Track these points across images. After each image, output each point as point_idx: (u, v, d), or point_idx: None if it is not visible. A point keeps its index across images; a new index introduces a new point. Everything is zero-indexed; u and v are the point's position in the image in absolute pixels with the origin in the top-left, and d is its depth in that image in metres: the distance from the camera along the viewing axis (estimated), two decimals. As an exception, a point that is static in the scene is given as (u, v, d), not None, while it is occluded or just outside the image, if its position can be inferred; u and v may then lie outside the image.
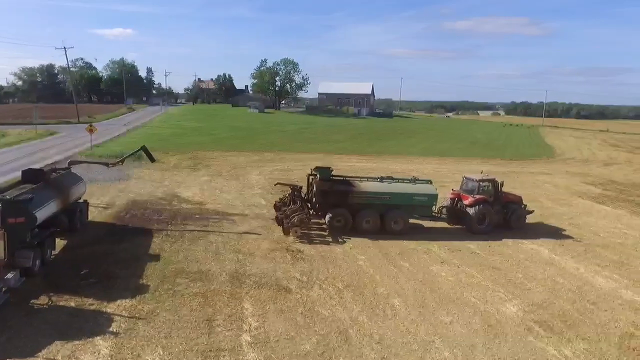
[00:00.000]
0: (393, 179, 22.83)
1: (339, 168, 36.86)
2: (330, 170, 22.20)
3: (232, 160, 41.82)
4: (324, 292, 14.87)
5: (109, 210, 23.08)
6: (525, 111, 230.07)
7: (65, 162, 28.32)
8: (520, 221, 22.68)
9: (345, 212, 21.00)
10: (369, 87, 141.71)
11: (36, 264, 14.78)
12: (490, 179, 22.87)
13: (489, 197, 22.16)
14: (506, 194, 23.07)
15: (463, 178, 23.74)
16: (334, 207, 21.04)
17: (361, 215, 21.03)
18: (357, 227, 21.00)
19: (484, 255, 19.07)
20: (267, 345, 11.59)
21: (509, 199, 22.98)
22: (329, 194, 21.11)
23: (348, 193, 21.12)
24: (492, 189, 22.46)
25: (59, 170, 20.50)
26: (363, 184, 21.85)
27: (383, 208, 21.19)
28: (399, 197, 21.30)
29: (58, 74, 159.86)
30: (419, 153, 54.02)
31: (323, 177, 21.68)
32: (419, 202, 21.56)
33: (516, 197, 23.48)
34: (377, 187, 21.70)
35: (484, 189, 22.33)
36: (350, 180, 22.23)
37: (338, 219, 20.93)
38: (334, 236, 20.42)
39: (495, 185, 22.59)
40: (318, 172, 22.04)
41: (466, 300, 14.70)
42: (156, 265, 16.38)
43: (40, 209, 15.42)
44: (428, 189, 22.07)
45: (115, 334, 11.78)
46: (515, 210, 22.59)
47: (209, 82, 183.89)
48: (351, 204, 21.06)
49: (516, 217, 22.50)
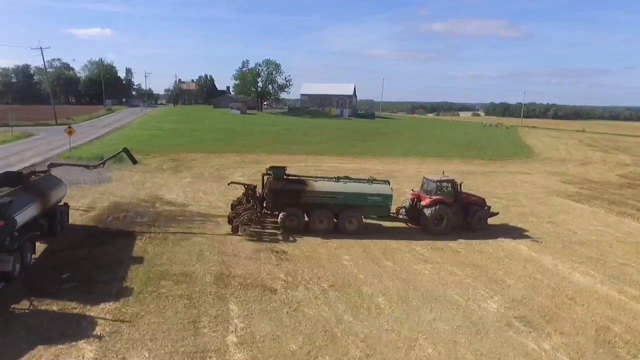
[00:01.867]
0: (350, 179, 23.01)
1: (321, 169, 37.14)
2: (285, 170, 22.35)
3: (215, 161, 41.59)
4: (309, 292, 14.97)
5: (90, 213, 22.75)
6: (504, 111, 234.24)
7: (44, 165, 27.82)
8: (481, 223, 22.46)
9: (298, 212, 21.13)
10: (351, 88, 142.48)
11: (16, 269, 14.48)
12: (449, 179, 22.80)
13: (448, 198, 22.14)
14: (468, 195, 23.08)
15: (423, 178, 23.77)
16: (287, 206, 21.16)
17: (315, 215, 21.14)
18: (310, 227, 21.13)
19: (465, 253, 19.44)
20: (253, 346, 11.63)
21: (470, 201, 22.87)
22: (282, 193, 21.23)
23: (300, 192, 21.21)
24: (451, 190, 22.43)
25: (38, 173, 20.15)
26: (316, 184, 21.93)
27: (337, 208, 21.28)
28: (353, 197, 21.34)
29: (34, 74, 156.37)
30: (401, 154, 54.59)
31: (276, 176, 21.83)
32: (374, 202, 21.55)
33: (479, 199, 23.33)
34: (330, 186, 21.80)
35: (443, 190, 22.33)
36: (303, 179, 22.39)
37: (291, 218, 21.06)
38: (287, 236, 20.56)
39: (454, 186, 22.57)
40: (272, 172, 22.18)
41: (449, 297, 14.98)
42: (139, 267, 16.24)
43: (19, 213, 15.13)
44: (383, 189, 22.05)
45: (100, 337, 11.67)
46: (476, 211, 22.37)
47: (189, 83, 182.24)
48: (304, 203, 21.16)
49: (477, 218, 22.28)
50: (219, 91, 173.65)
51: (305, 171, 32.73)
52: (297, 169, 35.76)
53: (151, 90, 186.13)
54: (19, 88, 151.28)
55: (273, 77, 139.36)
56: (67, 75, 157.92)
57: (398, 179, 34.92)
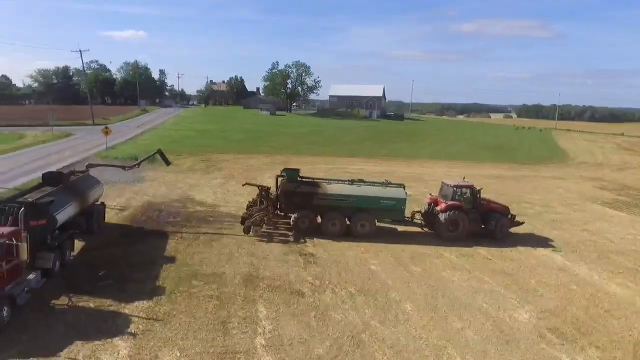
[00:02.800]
0: (364, 181, 22.97)
1: (347, 171, 37.11)
2: (298, 172, 22.53)
3: (244, 162, 42.18)
4: (336, 296, 15.04)
5: (125, 212, 23.48)
6: (537, 113, 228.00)
7: (82, 164, 28.89)
8: (502, 231, 21.75)
9: (310, 214, 21.26)
10: (380, 89, 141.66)
11: (56, 265, 15.16)
12: (467, 185, 22.27)
13: (465, 204, 21.70)
14: (489, 202, 22.52)
15: (442, 183, 23.38)
16: (299, 208, 21.26)
17: (327, 217, 21.21)
18: (322, 229, 21.18)
19: (496, 260, 19.09)
20: (281, 349, 11.79)
21: (491, 208, 22.25)
22: (294, 195, 21.37)
23: (313, 195, 21.30)
24: (469, 196, 21.97)
25: (78, 173, 20.96)
26: (329, 186, 21.97)
27: (349, 211, 21.27)
28: (365, 200, 21.26)
29: (73, 76, 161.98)
30: (429, 156, 53.98)
31: (290, 178, 21.99)
32: (387, 205, 21.37)
33: (501, 207, 22.65)
34: (342, 189, 21.78)
35: (461, 195, 21.92)
36: (316, 182, 22.45)
37: (303, 220, 21.17)
38: (298, 236, 20.76)
39: (473, 192, 22.07)
40: (285, 174, 22.36)
41: (478, 306, 14.76)
42: (171, 267, 16.69)
43: (60, 212, 15.82)
44: (397, 192, 21.79)
45: (134, 334, 12.08)
46: (497, 219, 21.69)
47: (220, 84, 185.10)
48: (316, 205, 21.25)
49: (498, 227, 21.60)
50: (249, 92, 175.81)
51: (332, 174, 32.86)
52: (324, 171, 35.95)
53: (183, 91, 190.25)
54: (59, 89, 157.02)
55: (302, 79, 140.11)
56: (104, 76, 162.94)
57: (427, 182, 34.58)
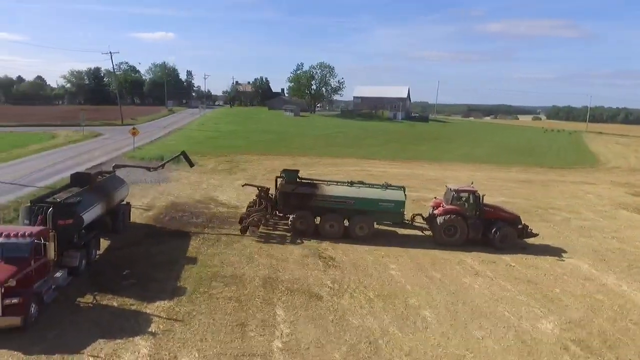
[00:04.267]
0: (364, 183, 22.88)
1: (370, 174, 36.95)
2: (297, 173, 22.59)
3: (267, 164, 42.45)
4: (354, 300, 14.99)
5: (150, 212, 23.98)
6: (568, 115, 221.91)
7: (110, 164, 29.64)
8: (504, 241, 20.76)
9: (308, 215, 21.23)
10: (404, 90, 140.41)
11: (82, 264, 15.61)
12: (469, 190, 21.66)
13: (466, 210, 21.13)
14: (496, 210, 21.75)
15: (446, 187, 22.89)
16: (297, 209, 21.27)
17: (325, 219, 21.18)
18: (320, 231, 21.17)
19: (519, 268, 18.67)
20: (297, 353, 11.82)
21: (496, 215, 21.38)
22: (291, 196, 21.41)
23: (311, 196, 21.31)
24: (471, 201, 21.32)
25: (104, 174, 21.52)
26: (327, 188, 21.99)
27: (348, 213, 21.19)
28: (364, 203, 21.11)
29: (104, 77, 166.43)
30: (454, 159, 53.18)
31: (288, 179, 22.05)
32: (386, 208, 21.15)
33: (510, 215, 21.64)
34: (341, 191, 21.75)
35: (461, 200, 21.39)
36: (315, 183, 22.49)
37: (301, 221, 21.18)
38: (296, 237, 20.85)
39: (476, 198, 21.38)
40: (284, 175, 22.42)
41: (500, 314, 14.47)
42: (193, 268, 16.96)
43: (87, 212, 16.28)
44: (396, 195, 21.58)
45: (154, 334, 12.32)
46: (500, 228, 20.77)
47: (246, 85, 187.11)
48: (314, 207, 21.22)
49: (500, 236, 20.70)
50: (274, 93, 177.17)
51: (354, 176, 32.73)
52: (346, 173, 35.90)
53: (209, 92, 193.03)
54: (90, 90, 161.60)
55: (326, 80, 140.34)
56: (133, 77, 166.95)
57: (450, 187, 34.04)
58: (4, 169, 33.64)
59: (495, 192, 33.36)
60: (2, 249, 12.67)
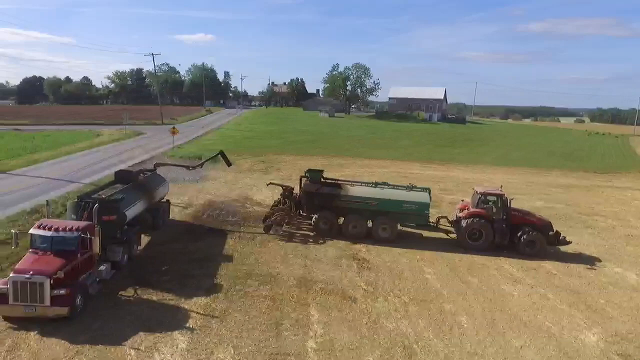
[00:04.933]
0: (388, 184, 22.64)
1: (404, 176, 36.54)
2: (321, 173, 22.62)
3: (302, 164, 42.63)
4: (389, 304, 14.87)
5: (188, 210, 24.60)
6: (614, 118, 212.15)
7: (151, 163, 30.61)
8: (533, 248, 19.95)
9: (331, 215, 21.19)
10: (441, 92, 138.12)
11: (124, 259, 16.19)
12: (496, 193, 20.99)
13: (492, 213, 20.52)
14: (524, 215, 20.92)
15: (473, 189, 22.15)
16: (320, 209, 21.27)
17: (348, 219, 21.09)
18: (343, 231, 21.08)
19: (562, 276, 18.01)
20: (331, 354, 11.84)
21: (524, 220, 20.54)
22: (315, 195, 21.40)
23: (334, 196, 21.24)
24: (498, 205, 20.65)
25: (146, 172, 22.23)
26: (351, 188, 21.89)
27: (371, 213, 21.00)
28: (387, 204, 20.84)
29: (145, 77, 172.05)
30: (491, 162, 51.86)
31: (312, 179, 22.08)
32: (409, 209, 20.80)
33: (539, 221, 20.71)
34: (364, 192, 21.59)
35: (487, 203, 20.76)
36: (339, 183, 22.42)
37: (324, 221, 21.17)
38: (320, 237, 20.83)
39: (503, 201, 20.65)
40: (309, 174, 22.46)
41: (540, 324, 14.01)
42: (229, 265, 17.28)
43: (129, 208, 16.88)
44: (420, 197, 21.20)
45: (192, 329, 12.63)
46: (527, 233, 20.00)
47: (281, 86, 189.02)
48: (338, 207, 21.17)
49: (526, 241, 19.92)
50: (309, 94, 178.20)
51: (388, 177, 32.48)
52: (380, 174, 35.64)
53: (246, 93, 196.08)
54: (133, 90, 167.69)
55: (362, 81, 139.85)
56: (174, 78, 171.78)
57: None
58: (53, 166, 35.32)
59: (533, 197, 32.35)
60: (52, 242, 13.32)
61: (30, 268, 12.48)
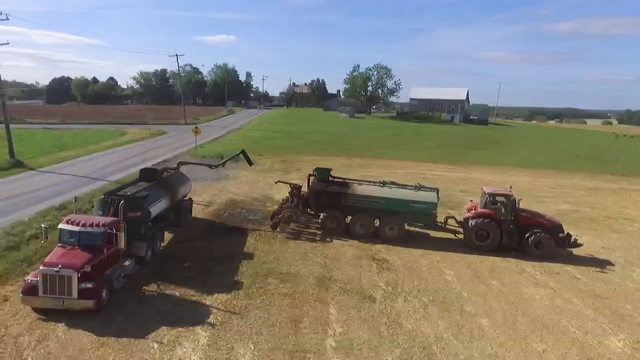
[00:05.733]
0: (396, 184, 22.57)
1: (426, 178, 36.26)
2: (329, 172, 22.63)
3: (322, 164, 42.34)
4: (408, 304, 14.82)
5: (210, 208, 24.96)
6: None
7: (174, 161, 31.15)
8: (541, 249, 19.66)
9: (338, 214, 21.22)
10: (463, 92, 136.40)
11: (148, 254, 16.55)
12: (504, 193, 20.74)
13: (500, 214, 20.26)
14: (533, 216, 20.58)
15: (482, 190, 21.87)
16: (328, 207, 21.30)
17: (355, 218, 21.06)
18: (350, 230, 21.09)
19: (586, 281, 17.65)
20: (350, 352, 11.88)
21: (533, 222, 20.21)
22: (323, 194, 21.44)
23: (342, 195, 21.23)
24: (506, 206, 20.40)
25: (170, 170, 22.65)
26: (359, 187, 21.88)
27: (378, 213, 20.95)
28: (395, 203, 20.78)
29: (169, 78, 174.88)
30: (514, 164, 51.03)
31: (321, 177, 22.15)
32: (417, 209, 20.72)
33: (548, 222, 20.35)
34: (372, 191, 21.56)
35: (497, 204, 20.49)
36: (346, 182, 22.42)
37: (331, 220, 21.19)
38: (328, 236, 20.92)
39: (511, 202, 20.39)
40: (317, 173, 22.49)
41: (563, 328, 13.76)
42: (249, 263, 17.49)
43: (153, 205, 17.24)
44: (428, 196, 21.06)
45: (213, 325, 12.84)
46: (535, 234, 19.73)
47: (302, 87, 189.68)
48: (345, 206, 21.17)
49: (534, 242, 19.67)
50: (330, 94, 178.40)
51: (409, 179, 32.29)
52: (401, 176, 35.44)
53: (267, 93, 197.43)
54: (157, 90, 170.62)
55: (383, 81, 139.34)
56: (197, 78, 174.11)
57: (511, 192, 32.74)
58: (81, 163, 36.29)
59: (559, 200, 31.74)
60: (79, 237, 13.72)
61: (59, 262, 12.88)
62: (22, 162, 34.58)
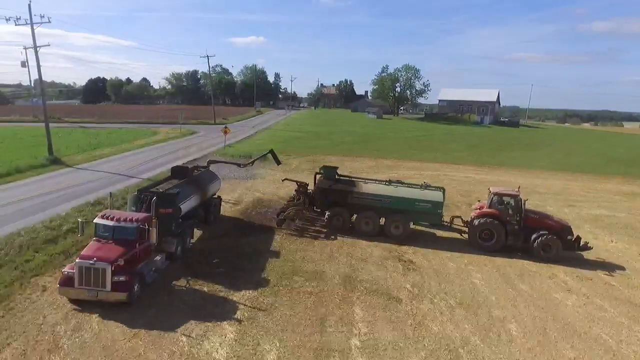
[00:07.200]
0: (402, 183, 22.50)
1: (454, 179, 35.75)
2: (336, 170, 22.66)
3: (349, 165, 42.75)
4: (434, 306, 14.70)
5: (238, 207, 25.35)
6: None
7: (204, 160, 31.77)
8: (548, 251, 19.21)
9: (344, 212, 21.21)
10: (494, 94, 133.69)
11: (178, 250, 16.97)
12: (510, 194, 20.33)
13: (506, 214, 19.89)
14: (541, 217, 20.06)
15: (489, 190, 21.48)
16: (333, 205, 21.34)
17: (361, 216, 21.04)
18: (355, 228, 21.09)
19: (620, 288, 17.08)
20: (375, 352, 11.90)
21: (540, 223, 19.70)
22: (329, 192, 21.49)
23: (348, 193, 21.22)
24: (513, 206, 20.04)
25: (200, 168, 23.14)
26: (365, 186, 21.85)
27: (384, 211, 20.93)
28: (401, 202, 20.72)
29: (200, 78, 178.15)
30: (546, 167, 49.66)
31: (327, 175, 22.22)
32: (422, 208, 20.63)
33: (556, 224, 19.87)
34: (378, 189, 21.51)
35: (503, 205, 20.12)
36: (352, 180, 22.42)
37: (337, 218, 21.22)
38: (333, 234, 20.93)
39: (517, 202, 20.00)
40: (323, 171, 22.55)
41: (595, 335, 13.39)
42: (276, 261, 17.70)
43: (184, 202, 17.66)
44: (434, 196, 20.91)
45: (240, 321, 13.08)
46: (542, 236, 19.27)
47: (330, 88, 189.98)
48: (351, 204, 21.16)
49: (540, 244, 19.23)
50: (357, 95, 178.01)
51: (436, 180, 31.94)
52: (429, 177, 35.07)
53: (295, 94, 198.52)
54: (188, 90, 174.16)
55: (411, 82, 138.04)
56: (226, 79, 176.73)
57: (543, 196, 32.03)
58: (115, 161, 37.45)
59: (593, 204, 30.77)
60: (114, 231, 14.21)
61: (94, 255, 13.37)
62: (59, 159, 36.00)
